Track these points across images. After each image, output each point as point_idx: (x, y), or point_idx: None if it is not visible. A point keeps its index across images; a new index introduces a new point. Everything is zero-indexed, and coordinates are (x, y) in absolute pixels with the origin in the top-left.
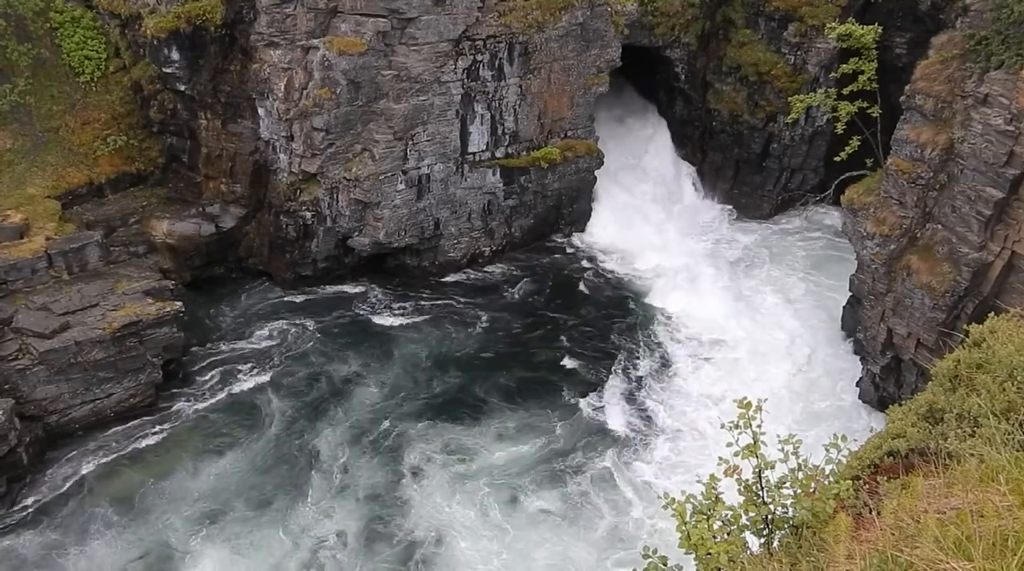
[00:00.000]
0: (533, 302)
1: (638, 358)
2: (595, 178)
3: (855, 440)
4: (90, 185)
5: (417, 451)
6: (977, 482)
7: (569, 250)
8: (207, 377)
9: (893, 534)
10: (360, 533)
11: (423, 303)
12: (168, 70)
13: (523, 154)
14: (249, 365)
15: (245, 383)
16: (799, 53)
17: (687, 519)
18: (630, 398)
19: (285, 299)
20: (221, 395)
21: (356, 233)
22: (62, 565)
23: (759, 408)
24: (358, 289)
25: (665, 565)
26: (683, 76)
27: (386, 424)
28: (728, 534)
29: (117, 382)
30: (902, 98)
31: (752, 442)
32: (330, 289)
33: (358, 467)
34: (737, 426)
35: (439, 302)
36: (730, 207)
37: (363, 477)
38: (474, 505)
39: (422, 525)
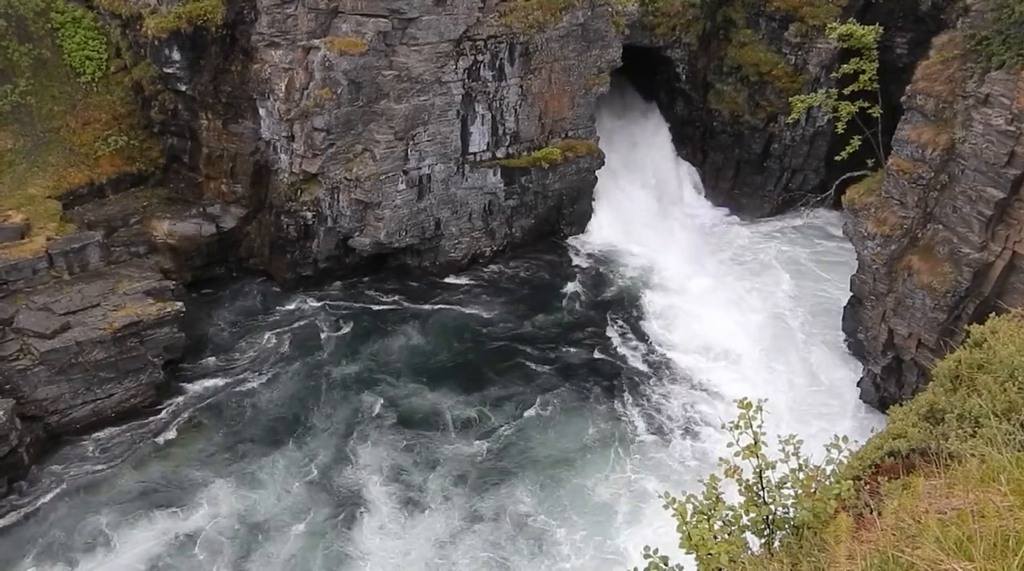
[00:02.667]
0: (532, 301)
1: (635, 358)
2: (596, 178)
3: (856, 440)
4: (91, 185)
5: (392, 431)
6: (978, 482)
7: (570, 250)
8: (208, 376)
9: (894, 534)
10: (314, 491)
11: (422, 298)
12: (169, 70)
13: (524, 154)
14: (249, 363)
15: (246, 379)
16: (800, 53)
17: (688, 519)
18: (621, 399)
19: (284, 296)
20: (223, 394)
21: (357, 233)
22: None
23: (759, 408)
24: (359, 286)
25: (666, 565)
26: (684, 76)
27: (376, 398)
28: (729, 534)
29: (118, 382)
30: (903, 98)
31: (753, 442)
32: (332, 284)
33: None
34: (737, 426)
35: (437, 299)
36: (731, 207)
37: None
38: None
39: (360, 496)
